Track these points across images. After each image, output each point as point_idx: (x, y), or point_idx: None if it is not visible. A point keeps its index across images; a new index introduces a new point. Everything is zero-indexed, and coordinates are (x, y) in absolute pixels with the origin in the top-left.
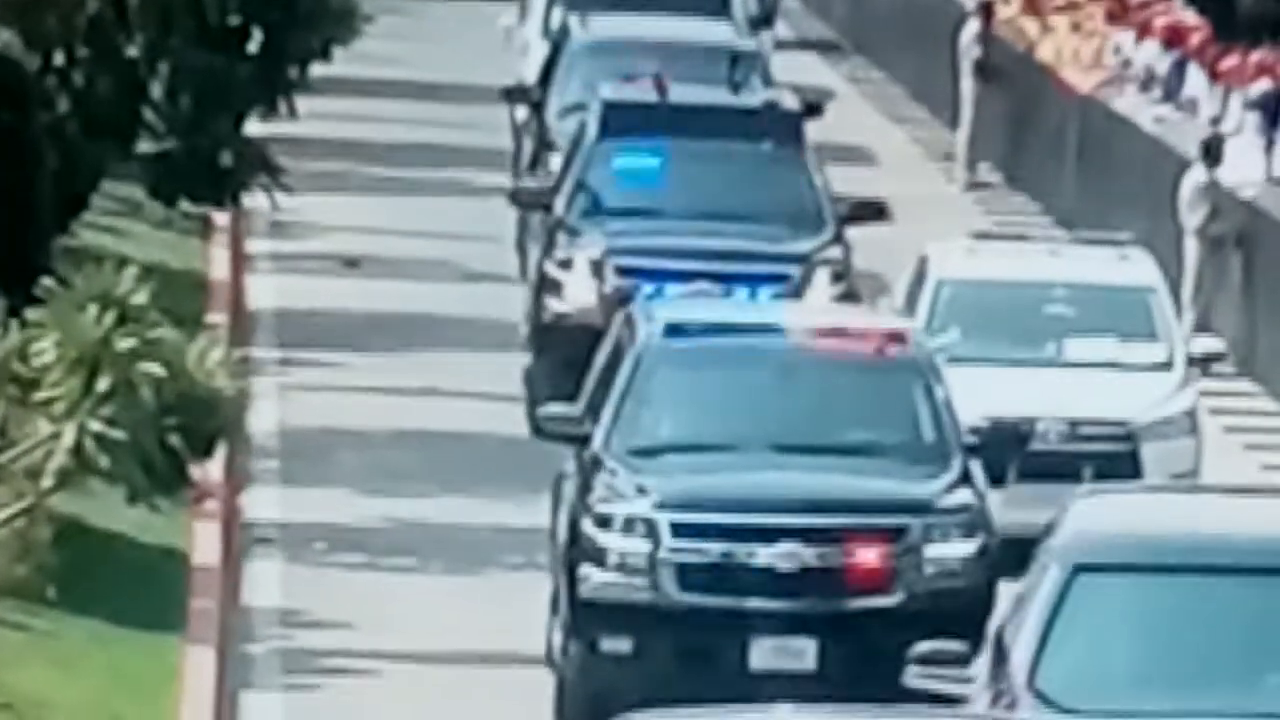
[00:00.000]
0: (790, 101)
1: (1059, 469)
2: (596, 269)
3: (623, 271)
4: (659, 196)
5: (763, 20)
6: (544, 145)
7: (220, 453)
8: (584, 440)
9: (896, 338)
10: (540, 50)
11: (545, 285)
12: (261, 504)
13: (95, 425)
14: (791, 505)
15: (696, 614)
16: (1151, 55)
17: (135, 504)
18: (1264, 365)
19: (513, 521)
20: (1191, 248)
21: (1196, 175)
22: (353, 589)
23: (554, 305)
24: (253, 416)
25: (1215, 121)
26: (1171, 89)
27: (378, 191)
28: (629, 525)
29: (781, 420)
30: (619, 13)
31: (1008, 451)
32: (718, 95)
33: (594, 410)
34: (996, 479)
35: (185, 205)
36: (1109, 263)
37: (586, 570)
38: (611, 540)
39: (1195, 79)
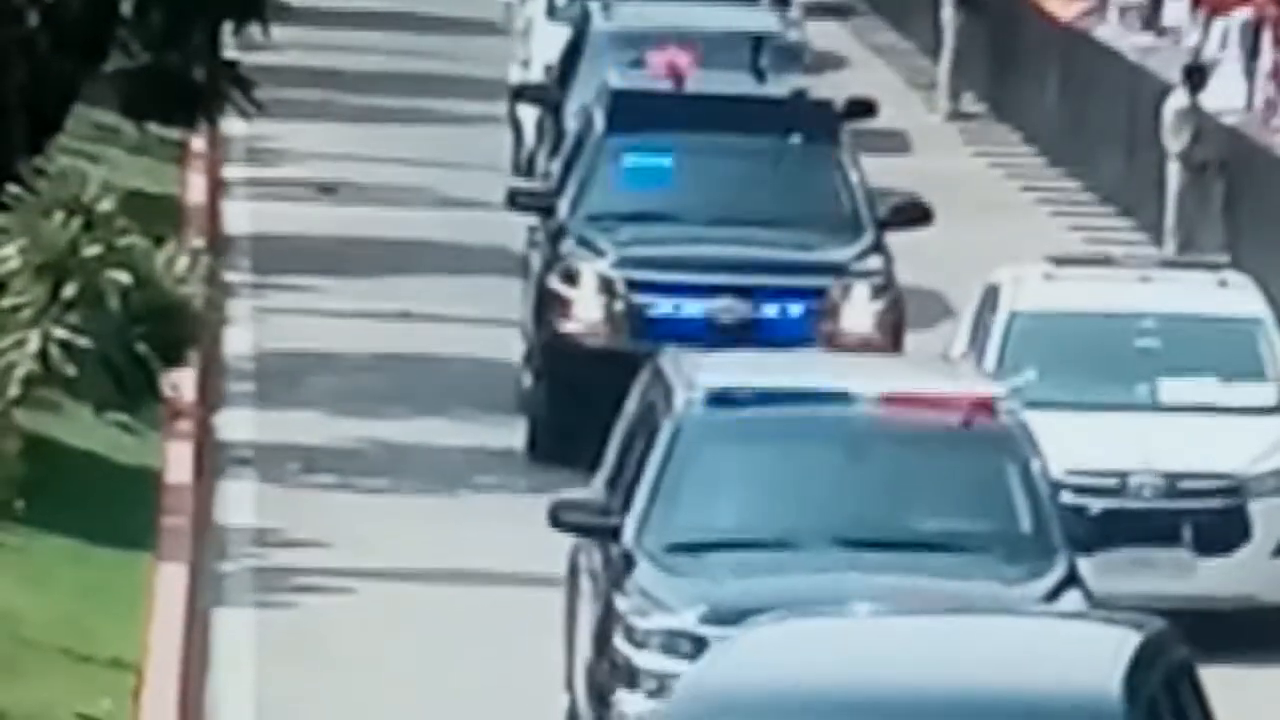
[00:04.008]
0: (823, 90)
1: (1156, 530)
2: (605, 283)
3: (635, 286)
4: (674, 199)
5: None
6: (561, 143)
7: (193, 372)
8: (612, 533)
9: (984, 405)
10: (546, 31)
11: (547, 301)
12: (236, 425)
13: (61, 333)
14: None
15: None
16: None
17: (103, 414)
18: None
19: (486, 443)
20: (1174, 173)
21: (1179, 100)
22: (326, 509)
23: (557, 323)
24: (227, 339)
25: (1197, 50)
26: (1152, 16)
27: (357, 120)
28: (670, 642)
29: (850, 509)
30: None
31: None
32: (741, 84)
33: (617, 487)
34: (1085, 545)
35: (160, 129)
36: (1207, 290)
37: (619, 695)
38: (649, 660)
39: (1175, 6)
